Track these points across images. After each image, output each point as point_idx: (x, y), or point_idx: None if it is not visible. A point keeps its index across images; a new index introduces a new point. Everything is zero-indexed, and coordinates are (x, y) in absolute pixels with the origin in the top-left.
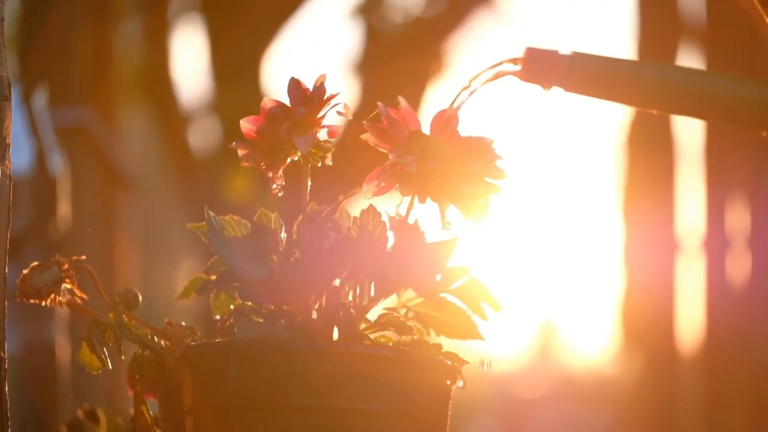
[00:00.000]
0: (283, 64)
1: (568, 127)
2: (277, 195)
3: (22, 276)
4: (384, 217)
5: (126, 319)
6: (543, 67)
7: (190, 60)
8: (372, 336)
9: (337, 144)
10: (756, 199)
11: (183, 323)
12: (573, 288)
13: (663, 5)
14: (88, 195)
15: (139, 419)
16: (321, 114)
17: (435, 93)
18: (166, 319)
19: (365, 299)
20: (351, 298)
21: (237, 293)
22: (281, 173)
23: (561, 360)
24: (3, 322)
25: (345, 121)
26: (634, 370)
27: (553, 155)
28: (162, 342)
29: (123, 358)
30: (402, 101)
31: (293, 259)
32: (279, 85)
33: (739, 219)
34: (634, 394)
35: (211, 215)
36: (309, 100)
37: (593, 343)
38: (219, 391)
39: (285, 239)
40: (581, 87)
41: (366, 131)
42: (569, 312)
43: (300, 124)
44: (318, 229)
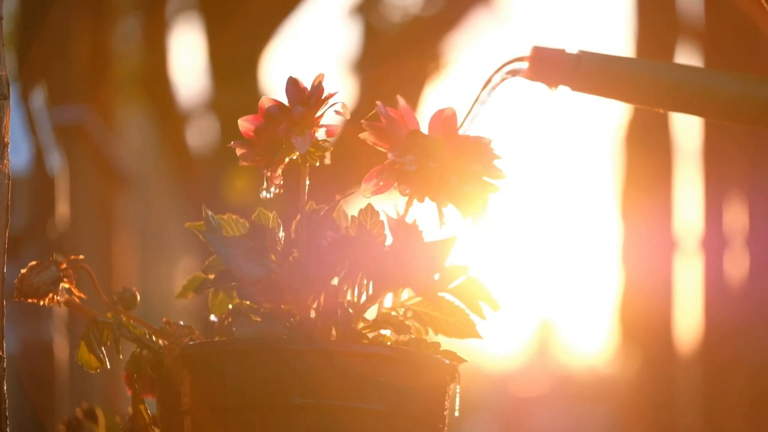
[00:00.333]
0: (282, 62)
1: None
2: (276, 194)
3: (20, 275)
4: (382, 217)
5: (124, 319)
6: (550, 66)
7: (188, 59)
8: (370, 335)
9: (336, 143)
10: (754, 198)
11: (181, 322)
12: (571, 286)
13: (661, 4)
14: (86, 194)
15: (138, 418)
16: (319, 113)
17: (433, 92)
18: (164, 319)
19: (363, 298)
20: (349, 297)
21: (235, 292)
22: (279, 173)
23: (559, 358)
24: (2, 321)
25: (343, 121)
26: (632, 368)
27: (551, 154)
28: (160, 341)
29: (121, 357)
30: (400, 100)
31: (291, 259)
32: (277, 84)
33: (737, 218)
34: (632, 392)
35: (209, 214)
36: (307, 99)
37: (591, 342)
38: (217, 391)
39: (283, 238)
40: (588, 86)
41: (364, 130)
42: (567, 310)
43: (298, 123)
44: (316, 229)
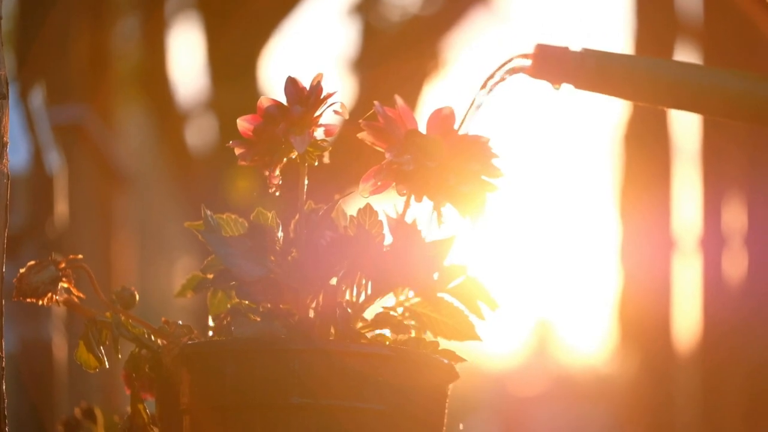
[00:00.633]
0: (281, 62)
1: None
2: (275, 194)
3: (19, 275)
4: (381, 216)
5: (123, 318)
6: (553, 64)
7: (187, 58)
8: (369, 335)
9: (335, 142)
10: (753, 197)
11: (180, 322)
12: (570, 286)
13: (660, 3)
14: (85, 193)
15: (136, 418)
16: (318, 113)
17: (432, 91)
18: (163, 318)
19: (362, 298)
20: (348, 296)
21: (234, 292)
22: (278, 172)
23: (558, 358)
24: (0, 320)
25: (342, 120)
26: (630, 367)
27: (550, 153)
28: (159, 341)
29: (120, 356)
30: (399, 100)
31: (290, 258)
32: (276, 83)
33: (736, 217)
34: (630, 391)
35: (208, 214)
36: (306, 99)
37: (590, 341)
38: (216, 390)
39: (282, 238)
40: (592, 84)
41: (363, 130)
42: (566, 310)
43: (297, 123)
44: (315, 228)
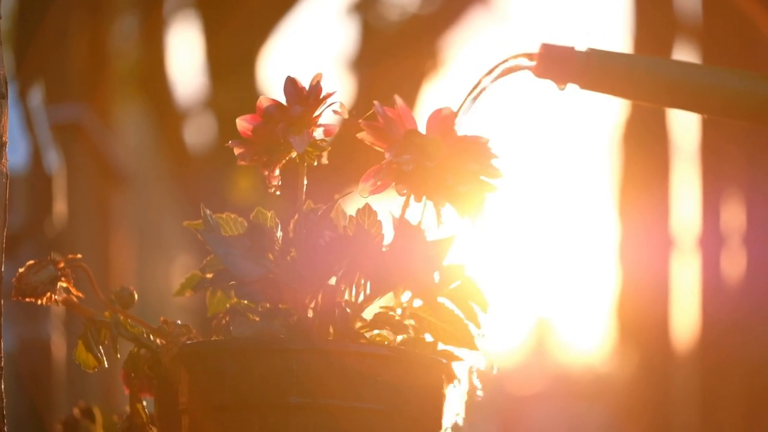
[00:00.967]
0: (279, 61)
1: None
2: (274, 194)
3: (18, 274)
4: (380, 216)
5: (122, 318)
6: (559, 64)
7: (186, 57)
8: (367, 335)
9: (334, 141)
10: (751, 196)
11: (179, 322)
12: (568, 285)
13: (659, 2)
14: (84, 192)
15: (135, 417)
16: (317, 113)
17: (431, 90)
18: (161, 318)
19: (361, 298)
20: (347, 296)
21: (233, 291)
22: (277, 172)
23: (556, 357)
24: None
25: (341, 120)
26: (628, 367)
27: (548, 152)
28: (158, 340)
29: (119, 356)
30: (398, 100)
31: (289, 258)
32: (275, 82)
33: (735, 216)
34: (629, 390)
35: (208, 213)
36: (305, 98)
37: (588, 340)
38: (215, 390)
39: (281, 238)
40: (597, 84)
41: (362, 130)
42: (564, 309)
43: (296, 122)
44: (314, 228)
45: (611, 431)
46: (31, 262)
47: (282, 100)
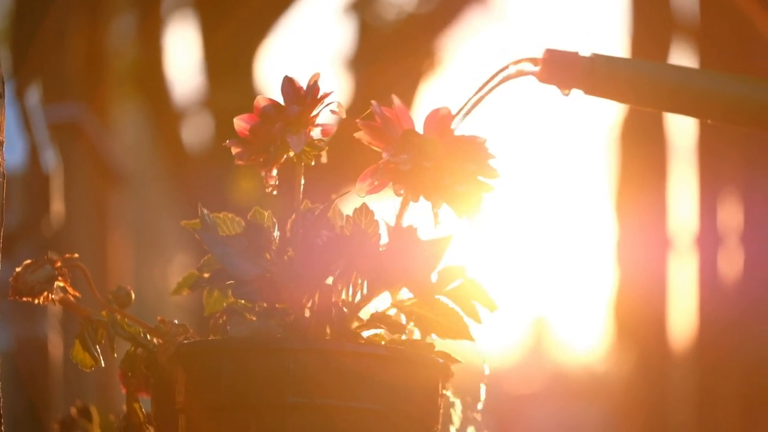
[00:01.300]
0: (277, 60)
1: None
2: (271, 193)
3: (15, 274)
4: (377, 216)
5: (119, 317)
6: (563, 69)
7: (183, 56)
8: (364, 334)
9: (331, 141)
10: (749, 196)
11: (176, 321)
12: (565, 284)
13: (656, 1)
14: (81, 191)
15: (132, 416)
16: (315, 113)
17: (428, 90)
18: (159, 317)
19: (358, 298)
20: (344, 296)
21: (230, 291)
22: (275, 172)
23: (554, 356)
24: None
25: (339, 120)
26: (626, 366)
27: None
28: (155, 340)
29: (116, 355)
30: (396, 100)
31: (286, 258)
32: (272, 82)
33: (732, 216)
34: (626, 390)
35: (205, 213)
36: (303, 98)
37: (586, 339)
38: (211, 389)
39: (278, 237)
40: (601, 89)
41: (359, 129)
42: (562, 308)
43: (293, 122)
44: (311, 228)
45: (608, 430)
46: (28, 261)
47: (279, 99)
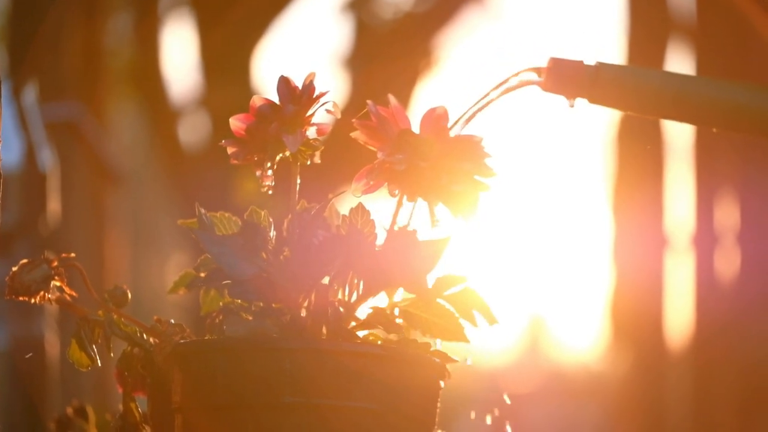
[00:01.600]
0: (273, 59)
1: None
2: (267, 193)
3: (11, 273)
4: (373, 216)
5: (115, 317)
6: (567, 78)
7: (180, 55)
8: (360, 334)
9: (327, 140)
10: (745, 195)
11: (172, 320)
12: (562, 284)
13: (653, 0)
14: (78, 190)
15: (128, 416)
16: (310, 112)
17: (425, 89)
18: (155, 317)
19: (354, 297)
20: (340, 296)
21: (226, 290)
22: (271, 171)
23: (550, 355)
24: None
25: (334, 119)
26: (622, 366)
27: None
28: (151, 339)
29: (112, 355)
30: (392, 99)
31: (282, 257)
32: (269, 81)
33: (729, 215)
34: (622, 390)
35: (202, 212)
36: (298, 98)
37: (582, 339)
38: (208, 389)
39: (275, 237)
40: (606, 98)
41: (355, 128)
42: (559, 308)
43: (289, 122)
44: (307, 227)
45: (605, 430)
46: (25, 260)
47: (275, 99)
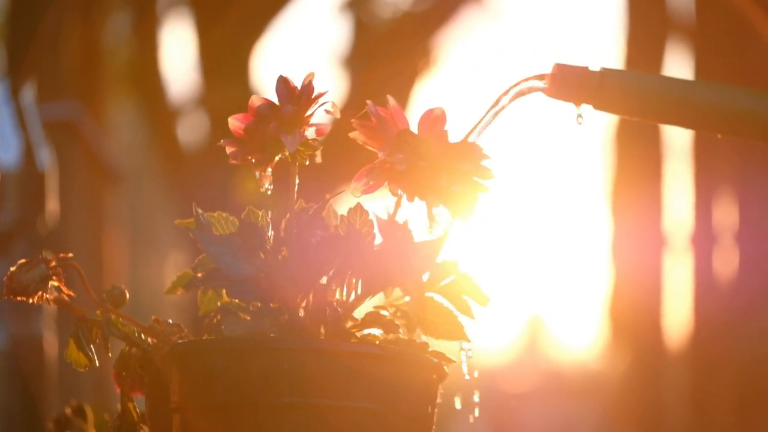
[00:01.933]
0: (272, 59)
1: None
2: (266, 193)
3: (9, 273)
4: (371, 216)
5: (113, 316)
6: (572, 84)
7: (179, 55)
8: (358, 334)
9: (325, 141)
10: (743, 195)
11: (170, 320)
12: (561, 283)
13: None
14: (76, 190)
15: (126, 416)
16: (309, 112)
17: (424, 88)
18: (153, 317)
19: (352, 297)
20: (338, 296)
21: (224, 290)
22: (269, 171)
23: (549, 355)
24: None
25: (333, 119)
26: (621, 365)
27: (542, 151)
28: (149, 339)
29: (110, 355)
30: (391, 100)
31: (280, 257)
32: (268, 80)
33: (727, 214)
34: (621, 389)
35: (200, 212)
36: (297, 98)
37: (581, 338)
38: (206, 389)
39: (272, 237)
40: (611, 104)
41: (354, 129)
42: (557, 307)
43: (288, 122)
44: (305, 228)
45: (603, 429)
46: (23, 260)
47: (274, 99)
